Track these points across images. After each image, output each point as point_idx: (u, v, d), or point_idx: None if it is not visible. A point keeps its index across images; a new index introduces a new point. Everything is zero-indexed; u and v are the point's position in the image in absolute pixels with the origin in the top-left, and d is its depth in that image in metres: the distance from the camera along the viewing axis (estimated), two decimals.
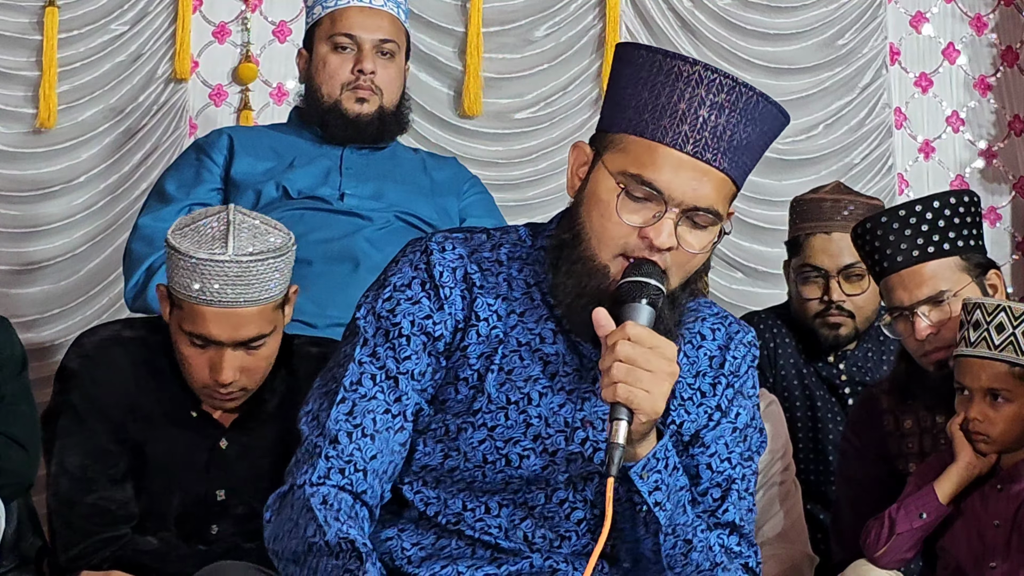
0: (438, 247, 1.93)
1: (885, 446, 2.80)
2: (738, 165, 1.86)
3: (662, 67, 1.83)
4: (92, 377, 2.54)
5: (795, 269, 3.35)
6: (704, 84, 1.81)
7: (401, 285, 1.92)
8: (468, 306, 1.91)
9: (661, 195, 1.81)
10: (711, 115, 1.81)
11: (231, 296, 2.42)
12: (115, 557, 2.51)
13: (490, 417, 1.90)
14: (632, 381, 1.76)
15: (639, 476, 1.84)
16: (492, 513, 1.93)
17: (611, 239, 1.84)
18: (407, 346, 1.90)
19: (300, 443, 1.91)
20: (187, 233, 2.45)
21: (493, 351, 1.90)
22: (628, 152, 1.83)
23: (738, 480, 1.99)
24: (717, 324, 2.03)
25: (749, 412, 2.02)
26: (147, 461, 2.54)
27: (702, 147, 1.81)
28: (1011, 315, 2.47)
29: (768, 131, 1.88)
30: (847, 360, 3.39)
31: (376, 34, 3.32)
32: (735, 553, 1.98)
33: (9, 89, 4.44)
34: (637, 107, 1.84)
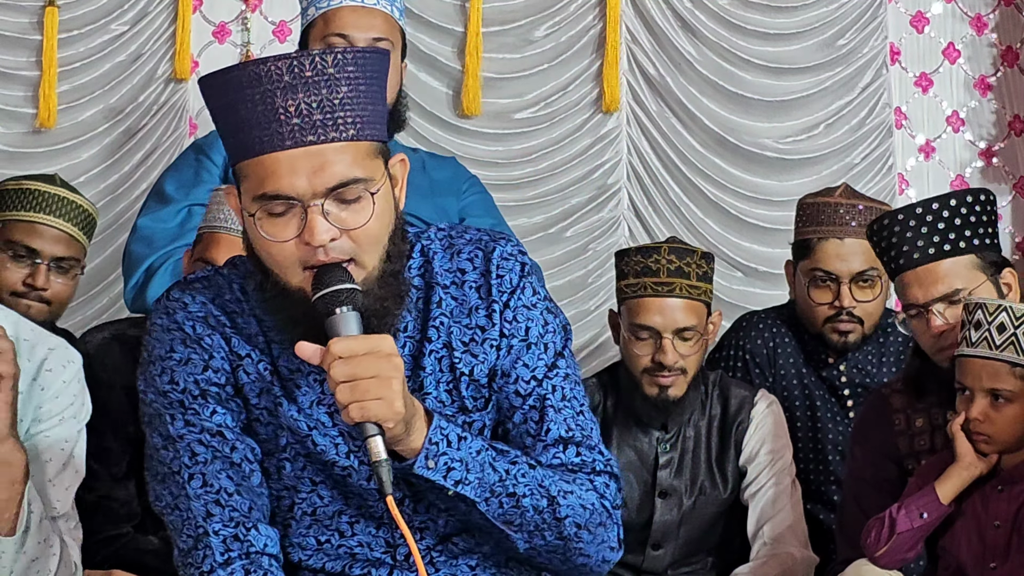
0: (179, 304, 1.91)
1: (895, 445, 2.80)
2: (348, 125, 1.79)
3: (229, 85, 1.79)
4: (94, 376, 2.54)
5: (805, 272, 3.32)
6: (264, 78, 1.77)
7: (166, 354, 1.90)
8: (230, 349, 1.89)
9: (292, 199, 1.77)
10: (287, 101, 1.76)
11: None
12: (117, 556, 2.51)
13: (300, 446, 1.89)
14: (359, 396, 1.72)
15: (426, 468, 1.80)
16: (347, 535, 1.92)
17: (284, 261, 1.80)
18: (207, 403, 1.88)
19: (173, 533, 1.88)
20: None
21: (269, 385, 1.89)
22: (249, 177, 1.80)
23: (550, 394, 1.93)
24: (474, 251, 1.96)
25: (539, 320, 1.95)
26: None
27: (299, 133, 1.76)
28: (1012, 315, 2.47)
29: (361, 76, 1.81)
30: (848, 362, 3.38)
31: (369, 33, 3.31)
32: (577, 465, 1.93)
33: (9, 89, 4.44)
34: (230, 133, 1.81)
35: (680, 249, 3.07)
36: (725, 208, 4.66)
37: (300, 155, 1.77)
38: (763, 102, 4.70)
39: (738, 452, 3.13)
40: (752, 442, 3.12)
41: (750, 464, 3.12)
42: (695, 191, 4.66)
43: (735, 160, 4.67)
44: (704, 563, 3.18)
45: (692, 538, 3.14)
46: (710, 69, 4.69)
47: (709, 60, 4.70)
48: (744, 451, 3.12)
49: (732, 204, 4.67)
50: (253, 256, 1.86)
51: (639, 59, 4.69)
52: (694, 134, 4.68)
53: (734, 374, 3.37)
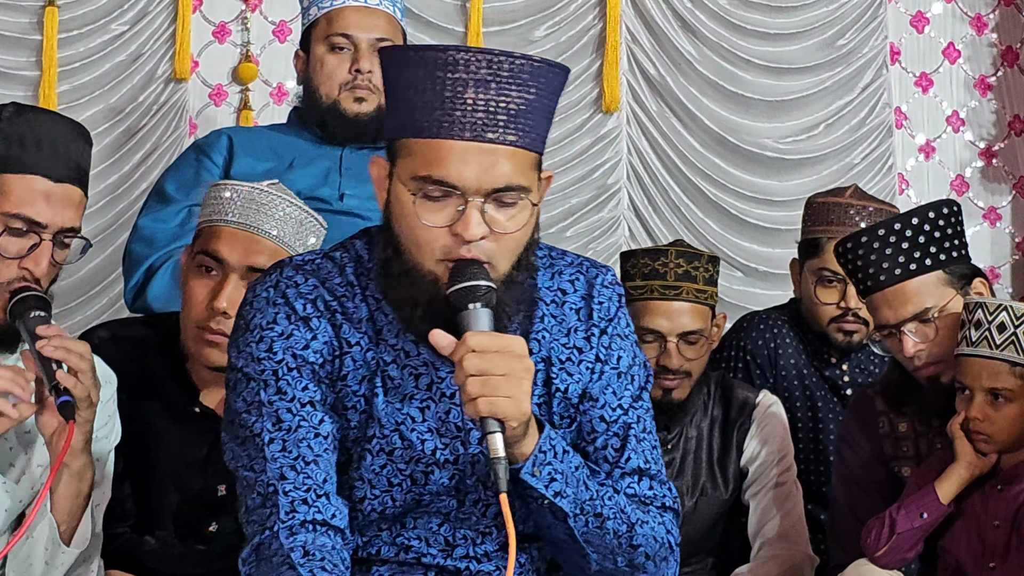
0: (291, 282, 1.91)
1: (881, 447, 2.80)
2: (524, 133, 1.81)
3: (419, 62, 1.79)
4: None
5: (812, 271, 3.31)
6: (461, 65, 1.77)
7: (267, 324, 1.89)
8: (337, 335, 1.89)
9: (456, 188, 1.78)
10: (479, 94, 1.77)
11: (252, 220, 2.50)
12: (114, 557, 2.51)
13: (385, 442, 1.89)
14: (489, 391, 1.73)
15: (531, 475, 1.82)
16: (408, 527, 1.92)
17: (426, 245, 1.81)
18: (300, 377, 1.88)
19: (245, 489, 1.88)
20: None
21: (372, 375, 1.89)
22: (415, 156, 1.80)
23: (634, 424, 1.97)
24: (575, 274, 1.99)
25: (629, 352, 1.99)
26: (145, 459, 2.54)
27: (480, 128, 1.78)
28: (1013, 315, 2.47)
29: (544, 89, 1.83)
30: (851, 362, 3.38)
31: (372, 33, 3.31)
32: (648, 498, 1.96)
33: (9, 89, 4.44)
34: (408, 108, 1.81)
35: (688, 253, 3.07)
36: (725, 208, 4.67)
37: (474, 149, 1.78)
38: (763, 102, 4.70)
39: (739, 453, 3.13)
40: (754, 443, 3.12)
41: (751, 465, 3.12)
42: (695, 191, 4.66)
43: (735, 160, 4.68)
44: (704, 563, 3.18)
45: (693, 539, 3.13)
46: (710, 69, 4.69)
47: (709, 60, 4.70)
48: (746, 452, 3.12)
49: (732, 204, 4.67)
50: (388, 230, 1.87)
51: (639, 59, 4.70)
52: (694, 134, 4.68)
53: (735, 374, 3.37)
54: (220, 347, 2.48)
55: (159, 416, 2.55)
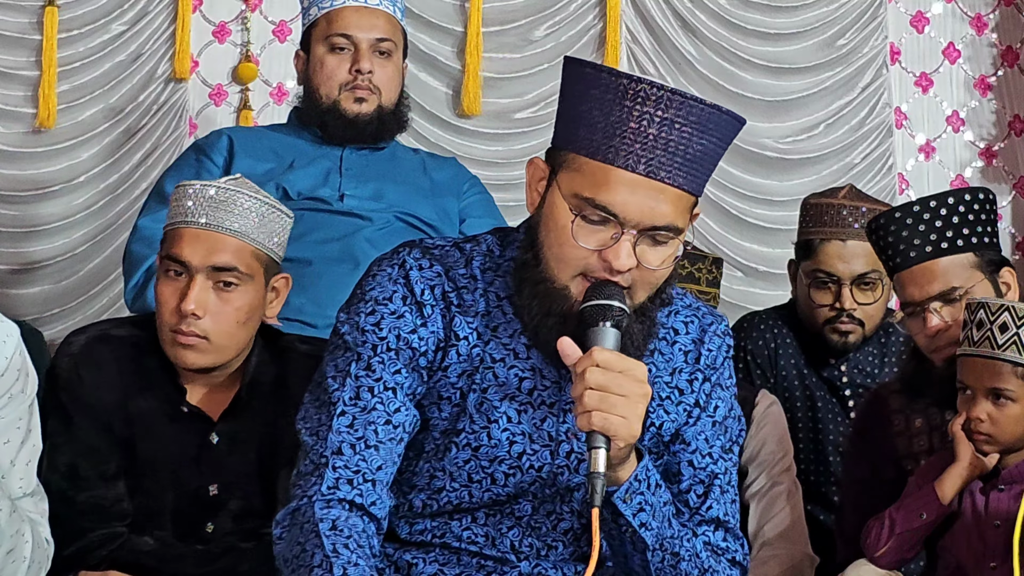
0: (416, 264, 1.92)
1: (893, 447, 2.80)
2: (694, 178, 1.82)
3: (609, 85, 1.80)
4: (79, 376, 2.54)
5: (807, 273, 3.32)
6: (652, 101, 1.78)
7: (383, 299, 1.91)
8: (448, 325, 1.90)
9: (617, 218, 1.79)
10: (661, 132, 1.78)
11: (212, 219, 2.49)
12: (112, 557, 2.51)
13: (473, 437, 1.90)
14: (606, 408, 1.74)
15: (623, 500, 1.83)
16: (479, 522, 1.93)
17: (569, 262, 1.82)
18: (396, 360, 1.89)
19: (302, 453, 1.89)
20: None
21: (474, 370, 1.90)
22: (582, 173, 1.81)
23: (720, 475, 1.99)
24: (690, 316, 2.01)
25: (727, 404, 2.01)
26: (139, 459, 2.54)
27: (655, 166, 1.78)
28: (1015, 315, 2.47)
29: (723, 138, 1.85)
30: (849, 362, 3.38)
31: (372, 33, 3.32)
32: (722, 550, 1.98)
33: (9, 89, 4.44)
34: (588, 126, 1.81)
35: (692, 255, 3.07)
36: (725, 208, 4.66)
37: (644, 184, 1.79)
38: (763, 102, 4.70)
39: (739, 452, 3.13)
40: (753, 443, 3.12)
41: (751, 464, 3.12)
42: None
43: (735, 160, 4.67)
44: None
45: None
46: (710, 69, 4.69)
47: (709, 60, 4.70)
48: (745, 451, 3.12)
49: (732, 204, 4.67)
50: (532, 235, 1.88)
51: (639, 59, 4.69)
52: None
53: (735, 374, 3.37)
54: (194, 349, 2.49)
55: (152, 415, 2.55)
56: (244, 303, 2.51)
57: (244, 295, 2.51)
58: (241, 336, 2.53)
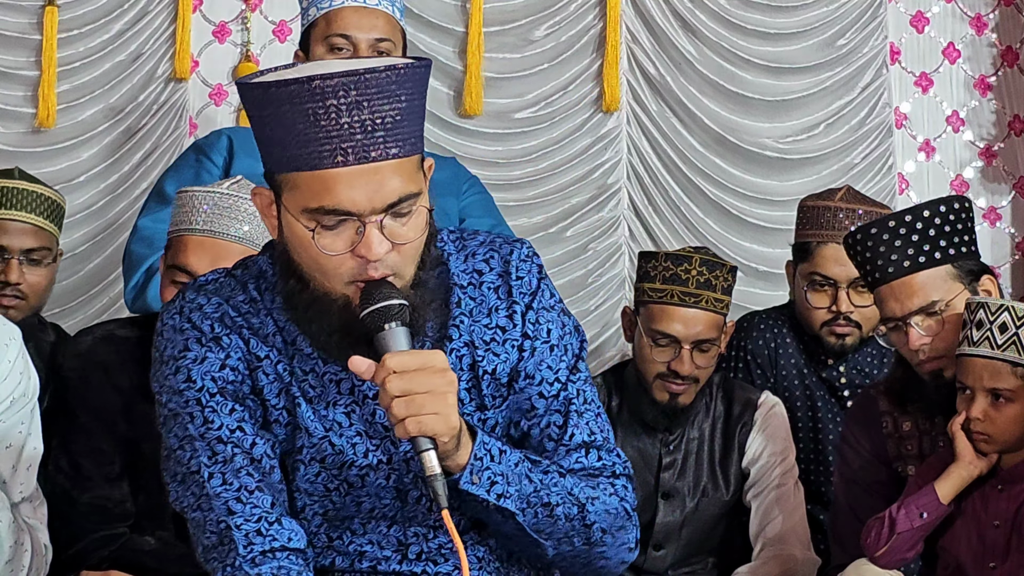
0: (194, 306, 1.90)
1: (884, 447, 2.80)
2: (405, 141, 1.79)
3: (282, 97, 1.76)
4: (85, 376, 2.54)
5: (804, 275, 3.31)
6: (329, 92, 1.74)
7: (179, 353, 1.89)
8: (248, 350, 1.88)
9: (352, 214, 1.76)
10: (352, 117, 1.74)
11: (217, 226, 2.49)
12: (114, 557, 2.51)
13: (315, 451, 1.88)
14: (416, 411, 1.73)
15: (471, 483, 1.81)
16: (358, 533, 1.92)
17: (332, 272, 1.79)
18: (225, 400, 1.87)
19: (196, 531, 1.87)
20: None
21: (287, 385, 1.88)
22: (300, 189, 1.77)
23: (574, 397, 1.95)
24: (489, 252, 1.97)
25: (558, 323, 1.96)
26: (143, 459, 2.54)
27: (361, 150, 1.75)
28: (1014, 315, 2.47)
29: (416, 89, 1.80)
30: (848, 363, 3.38)
31: (371, 33, 3.31)
32: (598, 469, 1.95)
33: (9, 89, 4.44)
34: (284, 144, 1.78)
35: (711, 262, 3.07)
36: (725, 208, 4.66)
37: (360, 171, 1.76)
38: (763, 102, 4.70)
39: (741, 454, 3.13)
40: (755, 444, 3.12)
41: (753, 466, 3.12)
42: (695, 191, 4.66)
43: (735, 160, 4.67)
44: (705, 564, 3.18)
45: (694, 539, 3.14)
46: (710, 69, 4.69)
47: (709, 60, 4.70)
48: (747, 453, 3.12)
49: (732, 204, 4.67)
50: (286, 261, 1.85)
51: (639, 59, 4.69)
52: (694, 134, 4.68)
53: (735, 375, 3.37)
54: None
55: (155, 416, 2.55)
56: None
57: None
58: None
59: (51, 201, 3.26)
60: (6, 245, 3.15)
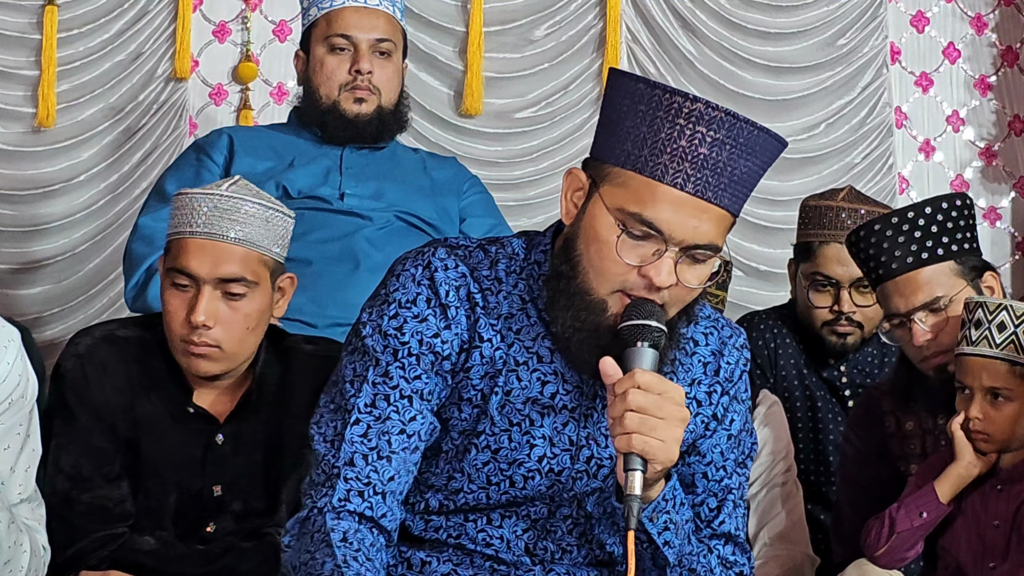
0: (441, 264, 1.90)
1: (887, 447, 2.80)
2: (737, 199, 1.83)
3: (661, 102, 1.79)
4: (85, 377, 2.54)
5: (805, 275, 3.32)
6: (704, 121, 1.77)
7: (406, 302, 1.89)
8: (472, 327, 1.89)
9: (661, 234, 1.78)
10: (711, 152, 1.78)
11: (217, 228, 2.48)
12: (113, 557, 2.51)
13: (493, 440, 1.89)
14: (646, 431, 1.74)
15: (650, 520, 1.84)
16: (494, 524, 1.93)
17: (610, 276, 1.81)
18: (417, 365, 1.88)
19: (314, 462, 1.89)
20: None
21: (496, 372, 1.89)
22: (627, 188, 1.80)
23: (734, 489, 2.00)
24: (710, 328, 2.01)
25: (743, 417, 2.01)
26: (142, 459, 2.54)
27: (703, 185, 1.78)
28: (1013, 314, 2.47)
29: (766, 161, 1.85)
30: (849, 363, 3.38)
31: (372, 34, 3.32)
32: (730, 563, 1.99)
33: (9, 88, 4.44)
34: (636, 141, 1.80)
35: None
36: None
37: (690, 203, 1.78)
38: (764, 101, 4.70)
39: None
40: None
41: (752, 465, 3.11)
42: None
43: None
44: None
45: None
46: (710, 68, 4.69)
47: (709, 59, 4.70)
48: None
49: None
50: (569, 247, 1.86)
51: (639, 58, 4.69)
52: None
53: None
54: (206, 358, 2.49)
55: (157, 416, 2.55)
56: (253, 309, 2.51)
57: (252, 302, 2.51)
58: (252, 341, 2.54)
59: None
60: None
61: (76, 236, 4.43)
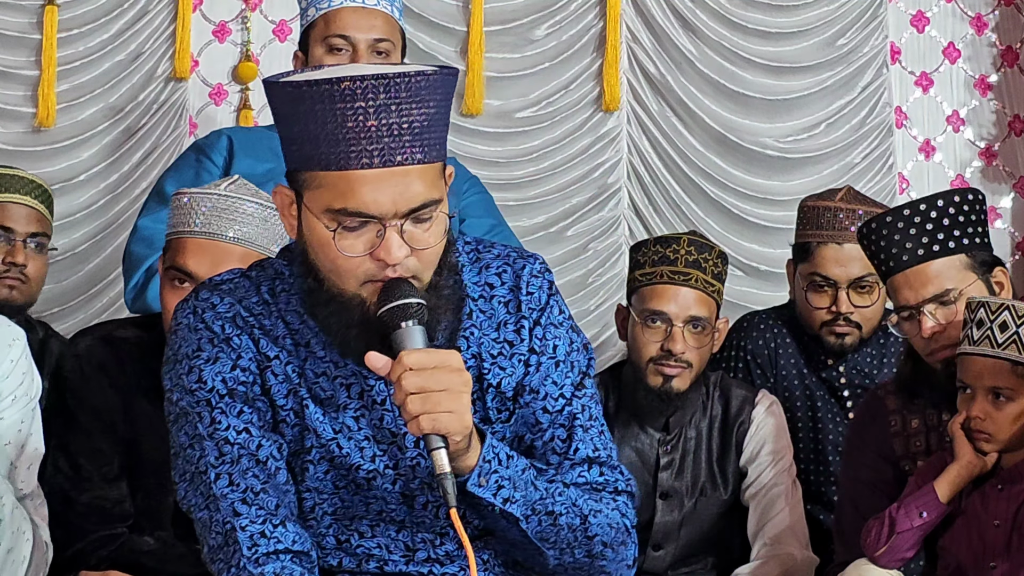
0: (207, 304, 1.92)
1: (890, 447, 2.80)
2: (430, 147, 1.80)
3: (315, 96, 1.77)
4: (84, 377, 2.55)
5: (804, 276, 3.31)
6: (359, 94, 1.75)
7: (193, 353, 1.90)
8: (257, 349, 1.90)
9: (374, 217, 1.78)
10: (380, 120, 1.76)
11: (215, 228, 2.50)
12: (113, 557, 2.51)
13: (324, 451, 1.90)
14: (431, 408, 1.74)
15: (478, 485, 1.83)
16: (367, 536, 1.93)
17: (348, 273, 1.81)
18: (234, 401, 1.89)
19: (203, 531, 1.88)
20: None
21: (296, 387, 1.90)
22: (324, 188, 1.79)
23: (579, 414, 1.97)
24: (502, 267, 1.99)
25: (565, 339, 1.99)
26: (141, 459, 2.55)
27: (388, 154, 1.76)
28: (1015, 314, 2.47)
29: (443, 96, 1.83)
30: (848, 363, 3.38)
31: (370, 34, 3.31)
32: (600, 484, 1.96)
33: (9, 88, 4.44)
34: (312, 142, 1.79)
35: (699, 243, 3.07)
36: (726, 207, 4.66)
37: (386, 175, 1.77)
38: (764, 101, 4.70)
39: (739, 453, 3.13)
40: (753, 443, 3.12)
41: (751, 465, 3.12)
42: (696, 190, 4.66)
43: (736, 159, 4.67)
44: (704, 563, 3.18)
45: (693, 539, 3.13)
46: (711, 68, 4.69)
47: (710, 59, 4.70)
48: (745, 452, 3.12)
49: (733, 203, 4.67)
50: (304, 260, 1.87)
51: (640, 58, 4.69)
52: (695, 133, 4.68)
53: (735, 374, 3.37)
54: None
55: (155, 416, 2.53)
56: None
57: None
58: None
59: (47, 192, 3.30)
60: (12, 227, 3.17)
61: (76, 236, 4.42)
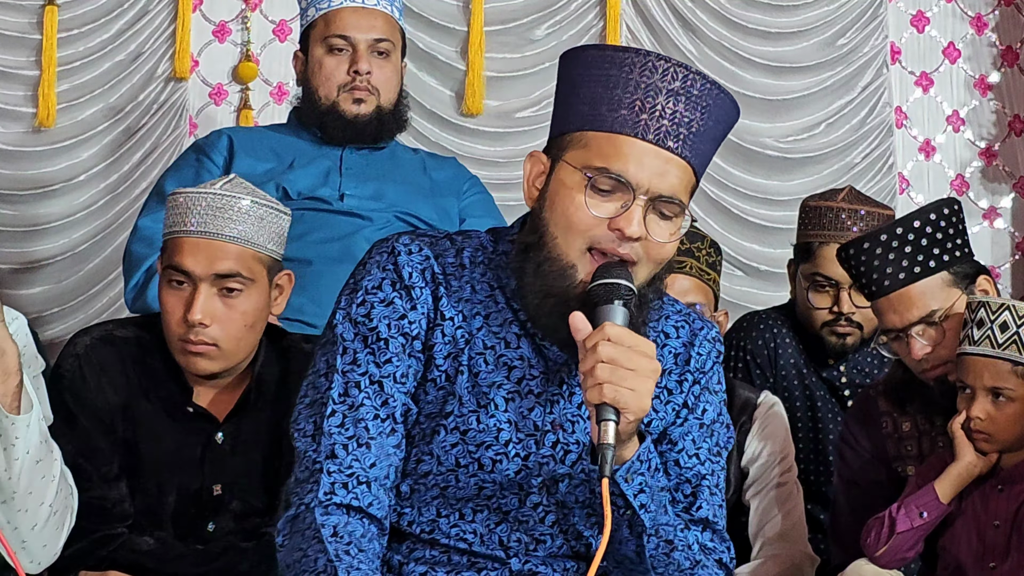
0: (404, 248, 1.93)
1: (883, 448, 2.80)
2: (698, 153, 1.86)
3: (613, 60, 1.83)
4: (83, 377, 2.54)
5: (805, 276, 3.31)
6: (659, 72, 1.81)
7: (372, 288, 1.92)
8: (435, 306, 1.92)
9: (628, 184, 1.81)
10: (668, 102, 1.82)
11: (211, 226, 2.49)
12: (112, 557, 2.51)
13: (462, 421, 1.90)
14: (617, 380, 1.75)
15: (624, 479, 1.84)
16: (467, 519, 1.94)
17: (579, 232, 1.83)
18: (387, 349, 1.90)
19: (297, 459, 1.90)
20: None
21: (459, 352, 1.91)
22: (590, 147, 1.83)
23: (708, 476, 1.99)
24: (681, 321, 2.03)
25: (716, 408, 2.02)
26: (141, 459, 2.54)
27: (663, 135, 1.82)
28: (1015, 314, 2.47)
29: (724, 121, 1.88)
30: (848, 363, 3.38)
31: (370, 34, 3.32)
32: (709, 549, 1.98)
33: (9, 88, 4.45)
34: (593, 103, 1.84)
35: (691, 232, 3.06)
36: (726, 207, 4.67)
37: (652, 152, 1.82)
38: (764, 101, 4.70)
39: (740, 453, 3.13)
40: (755, 443, 3.11)
41: (752, 465, 3.11)
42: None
43: (736, 159, 4.68)
44: None
45: None
46: (711, 68, 4.69)
47: (709, 59, 4.70)
48: (746, 452, 3.12)
49: (733, 203, 4.67)
50: (537, 220, 1.89)
51: None
52: None
53: (735, 374, 3.37)
54: (204, 356, 2.50)
55: (156, 416, 2.55)
56: (250, 307, 2.51)
57: (249, 299, 2.51)
58: (250, 339, 2.54)
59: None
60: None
61: (76, 236, 4.43)
